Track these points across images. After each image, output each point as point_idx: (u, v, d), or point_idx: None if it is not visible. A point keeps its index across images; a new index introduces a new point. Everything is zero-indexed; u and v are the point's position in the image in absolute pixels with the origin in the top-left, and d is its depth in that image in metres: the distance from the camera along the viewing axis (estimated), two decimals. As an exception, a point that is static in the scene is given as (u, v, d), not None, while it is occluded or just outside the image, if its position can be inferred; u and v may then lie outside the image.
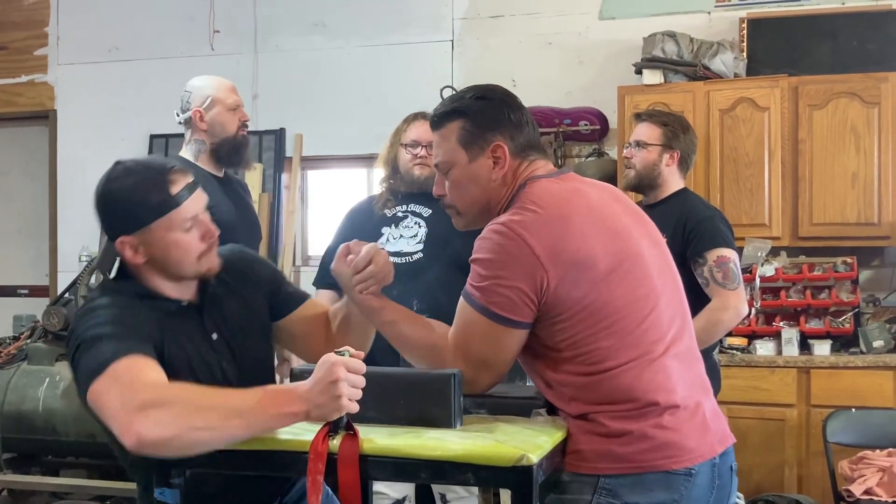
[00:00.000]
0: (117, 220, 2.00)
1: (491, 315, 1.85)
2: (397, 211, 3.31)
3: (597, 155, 5.42)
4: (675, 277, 2.02)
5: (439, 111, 2.03)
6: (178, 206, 1.98)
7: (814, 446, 4.43)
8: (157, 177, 1.99)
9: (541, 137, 2.06)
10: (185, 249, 2.00)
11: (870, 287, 4.99)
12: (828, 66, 4.94)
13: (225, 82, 3.36)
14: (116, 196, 2.00)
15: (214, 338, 2.08)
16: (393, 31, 5.86)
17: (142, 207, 1.97)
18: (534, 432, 1.81)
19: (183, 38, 6.18)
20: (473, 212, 2.03)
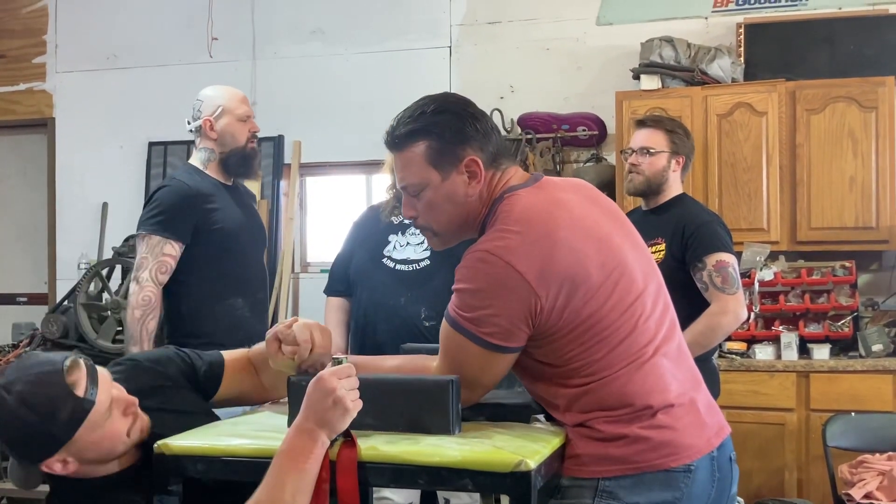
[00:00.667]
0: (33, 450, 1.82)
1: (485, 345, 1.81)
2: (403, 218, 3.31)
3: (595, 160, 5.42)
4: (657, 275, 1.99)
5: (399, 132, 1.92)
6: (93, 405, 1.80)
7: (813, 450, 4.43)
8: (57, 390, 1.78)
9: (505, 142, 1.99)
10: (114, 436, 1.85)
11: (868, 291, 4.99)
12: (825, 70, 4.95)
13: (237, 93, 3.38)
14: (21, 428, 1.78)
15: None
16: (391, 38, 5.87)
17: (56, 427, 1.78)
18: (532, 438, 1.81)
19: (181, 45, 6.19)
20: (452, 230, 1.96)
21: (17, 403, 1.77)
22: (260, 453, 1.76)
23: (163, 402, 2.01)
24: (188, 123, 3.34)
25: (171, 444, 1.81)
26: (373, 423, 1.83)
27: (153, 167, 6.17)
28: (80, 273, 5.46)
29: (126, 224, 5.89)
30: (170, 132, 6.01)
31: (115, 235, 5.94)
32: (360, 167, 5.88)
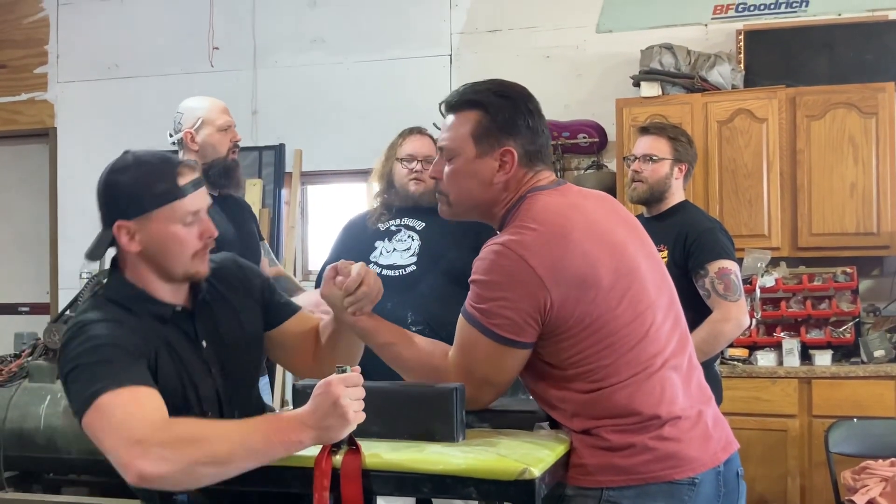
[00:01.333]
0: (119, 205, 1.95)
1: (495, 337, 1.84)
2: (390, 225, 3.32)
3: (596, 167, 5.43)
4: (671, 288, 2.01)
5: (459, 96, 1.98)
6: (182, 198, 1.94)
7: (816, 457, 4.43)
8: (165, 167, 1.96)
9: (549, 148, 2.02)
10: (181, 244, 1.95)
11: (870, 297, 4.99)
12: (825, 76, 4.96)
13: (217, 103, 3.36)
14: (121, 180, 1.95)
15: (204, 345, 2.03)
16: (391, 47, 5.88)
17: (146, 194, 1.93)
18: (536, 446, 1.81)
19: (182, 55, 6.20)
20: (465, 205, 2.00)
21: (129, 161, 1.99)
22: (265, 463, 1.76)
23: (231, 295, 2.10)
24: (170, 136, 3.34)
25: (175, 454, 1.81)
26: (377, 431, 1.83)
27: (154, 176, 6.15)
28: (82, 283, 5.45)
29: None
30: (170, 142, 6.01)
31: (116, 245, 5.95)
32: (360, 175, 5.88)
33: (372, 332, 2.02)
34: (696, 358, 2.01)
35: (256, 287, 2.17)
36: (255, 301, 2.16)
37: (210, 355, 2.03)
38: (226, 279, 2.12)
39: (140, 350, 1.87)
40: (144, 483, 1.68)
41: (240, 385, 2.09)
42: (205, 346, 2.03)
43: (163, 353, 1.94)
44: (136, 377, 1.80)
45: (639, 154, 3.45)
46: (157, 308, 1.97)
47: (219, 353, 2.05)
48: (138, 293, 1.97)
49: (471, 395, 1.89)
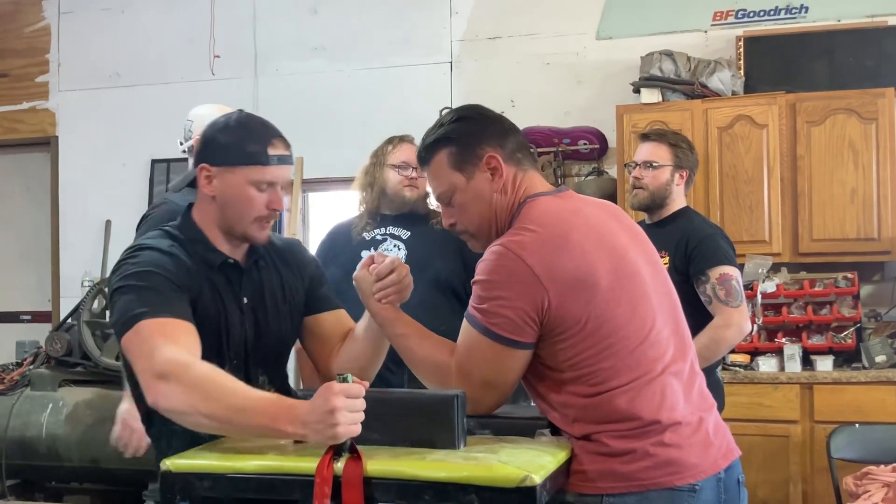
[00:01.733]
0: (209, 149, 2.10)
1: (493, 336, 1.86)
2: (376, 234, 3.33)
3: (596, 174, 5.44)
4: (672, 295, 2.03)
5: (424, 145, 2.04)
6: (265, 165, 2.06)
7: (818, 462, 4.42)
8: (262, 131, 2.10)
9: (527, 142, 2.07)
10: (248, 205, 2.08)
11: (871, 302, 4.99)
12: (825, 82, 4.97)
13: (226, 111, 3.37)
14: (223, 130, 2.10)
15: (245, 301, 2.15)
16: (392, 54, 5.90)
17: (236, 148, 2.07)
18: (537, 453, 1.81)
19: (183, 63, 6.22)
20: (486, 228, 2.03)
21: (235, 116, 2.14)
22: (266, 471, 1.77)
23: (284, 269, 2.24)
24: (180, 144, 3.34)
25: (177, 462, 1.82)
26: (378, 439, 1.83)
27: (156, 184, 6.18)
28: (84, 291, 5.45)
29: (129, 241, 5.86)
30: (172, 149, 5.91)
31: (118, 253, 5.91)
32: (361, 182, 5.89)
33: (391, 321, 2.06)
34: (698, 365, 2.01)
35: (308, 273, 2.29)
36: (302, 284, 2.27)
37: (248, 312, 2.15)
38: (283, 255, 2.27)
39: (186, 285, 2.02)
40: (158, 410, 1.85)
41: (269, 351, 2.19)
42: (245, 303, 2.15)
43: (205, 294, 2.07)
44: (178, 310, 1.95)
45: (639, 161, 3.45)
46: (210, 254, 2.12)
47: (256, 314, 2.16)
48: (198, 235, 2.13)
49: (473, 398, 1.90)
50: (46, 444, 4.58)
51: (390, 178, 3.34)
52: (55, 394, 4.75)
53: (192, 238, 2.13)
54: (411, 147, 3.41)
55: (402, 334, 2.04)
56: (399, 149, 3.39)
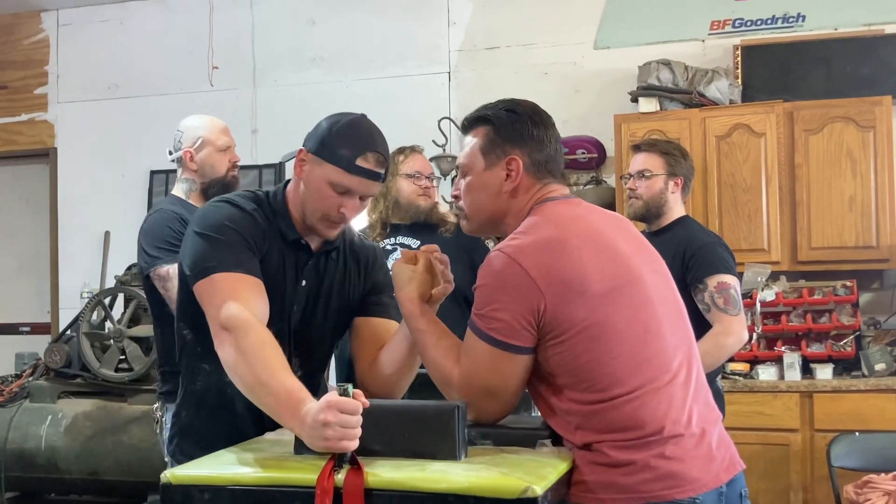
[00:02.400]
0: (315, 136, 2.18)
1: (491, 341, 1.87)
2: (386, 244, 3.34)
3: (595, 183, 5.44)
4: (679, 307, 2.03)
5: (471, 116, 2.09)
6: (348, 173, 2.11)
7: (818, 471, 4.42)
8: (361, 142, 2.14)
9: (561, 160, 2.07)
10: (321, 202, 2.15)
11: (870, 310, 5.00)
12: (822, 91, 4.98)
13: (217, 123, 3.37)
14: (333, 124, 2.17)
15: (303, 284, 2.22)
16: (390, 65, 5.91)
17: (331, 146, 2.14)
18: (538, 463, 1.81)
19: (182, 74, 6.23)
20: (479, 219, 2.06)
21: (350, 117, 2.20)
22: (267, 482, 1.77)
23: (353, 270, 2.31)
24: (169, 154, 3.35)
25: (177, 474, 1.82)
26: (379, 450, 1.83)
27: (155, 195, 6.18)
28: (83, 302, 5.45)
29: (128, 253, 5.87)
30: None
31: (117, 264, 5.96)
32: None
33: (416, 316, 2.07)
34: (704, 377, 2.01)
35: (374, 278, 2.35)
36: (363, 286, 2.33)
37: (301, 294, 2.23)
38: (357, 255, 2.34)
39: (258, 246, 2.14)
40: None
41: (309, 338, 2.26)
42: (303, 284, 2.23)
43: (271, 260, 2.17)
44: (250, 268, 2.08)
45: (633, 172, 3.47)
46: (287, 229, 2.21)
47: (308, 299, 2.24)
48: (283, 209, 2.22)
49: (475, 404, 1.91)
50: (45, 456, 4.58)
51: (404, 187, 3.37)
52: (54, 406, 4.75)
53: (277, 210, 2.22)
54: (421, 157, 3.46)
55: (422, 330, 2.04)
56: (411, 158, 3.43)
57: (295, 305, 2.22)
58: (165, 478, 1.81)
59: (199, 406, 2.25)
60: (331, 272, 2.27)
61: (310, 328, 2.26)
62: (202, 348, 2.18)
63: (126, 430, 4.64)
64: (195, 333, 2.21)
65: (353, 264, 2.32)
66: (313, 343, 2.29)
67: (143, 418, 4.57)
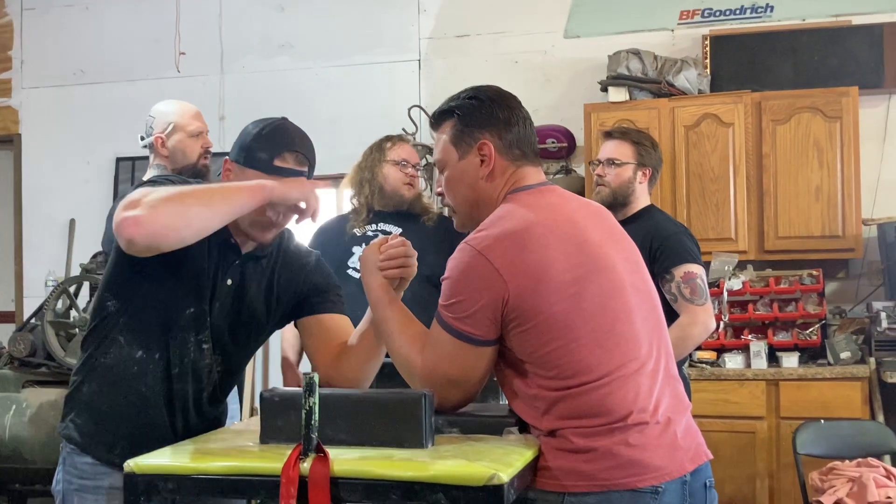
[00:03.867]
0: (236, 144, 2.16)
1: (455, 333, 1.87)
2: (367, 230, 3.34)
3: (564, 172, 5.45)
4: (652, 296, 2.03)
5: (437, 112, 2.08)
6: (267, 175, 2.08)
7: (784, 458, 4.46)
8: (278, 143, 2.12)
9: (534, 140, 2.07)
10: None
11: (836, 299, 5.05)
12: (790, 81, 5.02)
13: (189, 108, 3.34)
14: (251, 130, 2.16)
15: (228, 283, 2.17)
16: (359, 52, 5.88)
17: (249, 151, 2.12)
18: (505, 451, 1.81)
19: (148, 60, 6.16)
20: (465, 210, 2.06)
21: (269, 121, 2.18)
22: (231, 472, 1.75)
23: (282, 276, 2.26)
24: (141, 139, 3.31)
25: (141, 463, 1.80)
26: (345, 439, 1.82)
27: (121, 182, 6.12)
28: (48, 290, 5.39)
29: (94, 240, 5.80)
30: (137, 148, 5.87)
31: (82, 252, 5.89)
32: (330, 181, 5.86)
33: (383, 303, 2.06)
34: (674, 366, 2.01)
35: (311, 281, 2.28)
36: (300, 292, 2.27)
37: (224, 294, 2.16)
38: (291, 266, 2.26)
39: None
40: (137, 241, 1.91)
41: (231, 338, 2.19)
42: (228, 283, 2.17)
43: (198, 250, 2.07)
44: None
45: (602, 158, 3.47)
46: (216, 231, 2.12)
47: (233, 300, 2.17)
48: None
49: (437, 394, 1.91)
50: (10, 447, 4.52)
51: (390, 174, 3.37)
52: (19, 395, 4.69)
53: None
54: (408, 146, 3.47)
55: (388, 318, 2.04)
56: (399, 146, 3.43)
57: (217, 303, 2.16)
58: (129, 467, 1.79)
59: (104, 381, 2.15)
60: (257, 277, 2.22)
61: (230, 326, 2.20)
62: (126, 319, 2.13)
63: (92, 420, 4.59)
64: (122, 303, 2.14)
65: (284, 272, 2.26)
66: (233, 342, 2.22)
67: (108, 408, 4.53)
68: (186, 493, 1.79)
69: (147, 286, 2.11)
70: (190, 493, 1.79)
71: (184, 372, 2.14)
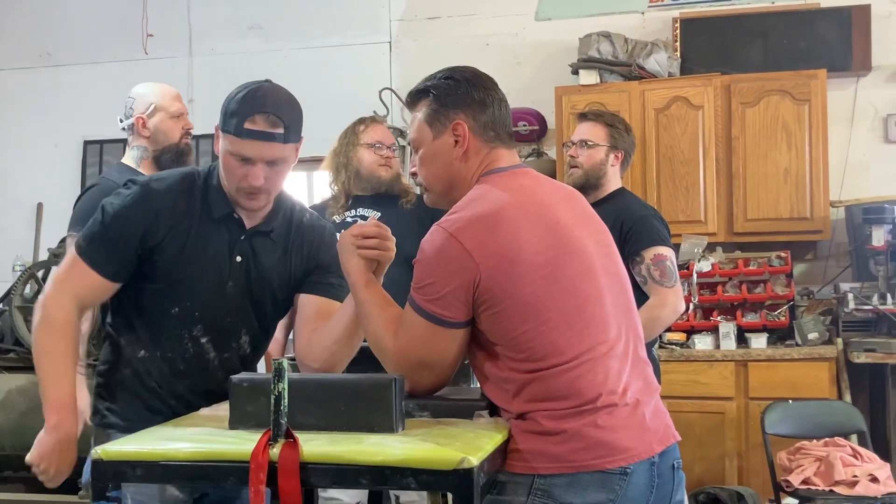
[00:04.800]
0: (221, 112, 2.19)
1: (426, 315, 1.88)
2: (347, 216, 3.33)
3: (536, 155, 5.45)
4: (623, 278, 2.04)
5: (412, 91, 2.09)
6: (239, 138, 2.13)
7: (753, 438, 4.51)
8: (250, 106, 2.14)
9: (508, 121, 2.07)
10: (229, 175, 2.17)
11: (804, 280, 5.09)
12: (759, 64, 5.04)
13: (169, 90, 3.34)
14: (233, 97, 2.18)
15: (237, 260, 2.22)
16: (330, 34, 5.84)
17: (225, 115, 2.16)
18: (475, 434, 1.81)
19: (116, 42, 6.09)
20: (438, 189, 2.06)
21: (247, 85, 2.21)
22: (200, 457, 1.74)
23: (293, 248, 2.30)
24: (120, 122, 3.29)
25: (108, 450, 1.79)
26: (315, 423, 1.82)
27: (89, 166, 6.07)
28: (15, 275, 5.34)
29: (62, 224, 5.70)
30: (105, 130, 5.89)
31: (50, 236, 5.83)
32: (300, 164, 5.81)
33: (361, 285, 2.06)
34: (644, 349, 2.02)
35: (318, 258, 2.31)
36: (305, 263, 2.30)
37: (237, 271, 2.22)
38: (303, 238, 2.31)
39: (137, 234, 2.16)
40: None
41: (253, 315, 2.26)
42: (238, 261, 2.22)
43: (195, 241, 2.18)
44: (107, 269, 2.15)
45: (576, 140, 3.48)
46: (218, 203, 2.21)
47: (247, 276, 2.23)
48: (216, 184, 2.22)
49: (409, 377, 1.92)
50: (-22, 433, 4.49)
51: (364, 157, 3.36)
52: (-13, 381, 4.65)
53: (211, 186, 2.23)
54: (382, 127, 3.46)
55: (365, 301, 2.04)
56: (371, 128, 3.41)
57: (230, 281, 2.22)
58: (96, 454, 1.78)
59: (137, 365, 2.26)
60: (269, 252, 2.26)
61: (248, 303, 2.25)
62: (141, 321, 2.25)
63: (61, 405, 4.57)
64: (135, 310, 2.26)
65: (296, 245, 2.30)
66: (254, 318, 2.28)
67: (78, 393, 4.50)
68: (155, 479, 1.79)
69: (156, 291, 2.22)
70: (158, 479, 1.78)
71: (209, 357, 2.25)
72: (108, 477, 1.78)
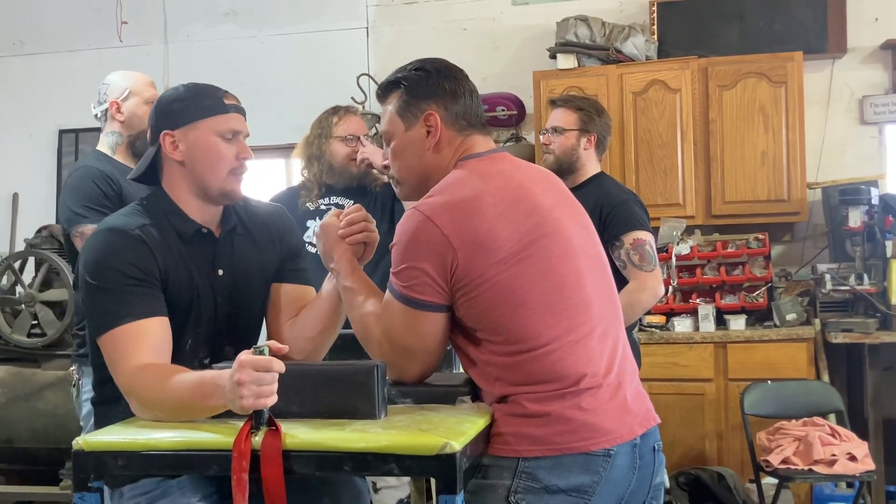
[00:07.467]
0: (168, 116, 2.11)
1: (404, 299, 1.88)
2: (320, 204, 3.33)
3: (514, 140, 5.45)
4: (602, 261, 2.04)
5: (382, 84, 2.08)
6: (225, 113, 2.11)
7: (732, 419, 4.54)
8: (212, 88, 2.13)
9: (480, 110, 2.07)
10: (219, 157, 2.10)
11: (781, 262, 5.13)
12: (736, 47, 5.05)
13: (144, 77, 3.32)
14: (174, 95, 2.13)
15: (220, 273, 2.16)
16: (306, 19, 5.80)
17: (193, 105, 2.10)
18: (458, 420, 1.82)
19: (90, 30, 6.03)
20: (411, 181, 2.06)
21: (181, 85, 2.16)
22: (182, 447, 1.74)
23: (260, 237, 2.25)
24: (93, 108, 3.26)
25: (90, 440, 1.78)
26: (298, 411, 1.82)
27: (64, 155, 6.01)
28: (-8, 266, 5.30)
29: (38, 214, 5.73)
30: (81, 119, 5.82)
31: (27, 227, 5.77)
32: (278, 151, 5.80)
33: (345, 272, 2.07)
34: (624, 331, 2.03)
35: (287, 244, 2.30)
36: (278, 253, 2.27)
37: (222, 285, 2.16)
38: (265, 225, 2.27)
39: (149, 269, 2.03)
40: None
41: (240, 324, 2.20)
42: (220, 275, 2.16)
43: (178, 270, 2.08)
44: (138, 309, 1.98)
45: (548, 127, 3.49)
46: (183, 224, 2.12)
47: (231, 287, 2.18)
48: (171, 206, 2.12)
49: (394, 364, 1.93)
50: (-43, 425, 4.46)
51: (338, 150, 3.35)
52: (-34, 373, 4.61)
53: (166, 210, 2.13)
54: (355, 118, 3.43)
55: (349, 288, 2.05)
56: (345, 120, 3.39)
57: (219, 298, 2.16)
58: (77, 444, 1.78)
59: None
60: (242, 252, 2.21)
61: (239, 314, 2.21)
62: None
63: (41, 397, 4.54)
64: None
65: (263, 236, 2.26)
66: (245, 327, 2.24)
67: (57, 384, 4.48)
68: (137, 469, 1.78)
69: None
70: (141, 469, 1.78)
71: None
72: (89, 468, 1.78)
